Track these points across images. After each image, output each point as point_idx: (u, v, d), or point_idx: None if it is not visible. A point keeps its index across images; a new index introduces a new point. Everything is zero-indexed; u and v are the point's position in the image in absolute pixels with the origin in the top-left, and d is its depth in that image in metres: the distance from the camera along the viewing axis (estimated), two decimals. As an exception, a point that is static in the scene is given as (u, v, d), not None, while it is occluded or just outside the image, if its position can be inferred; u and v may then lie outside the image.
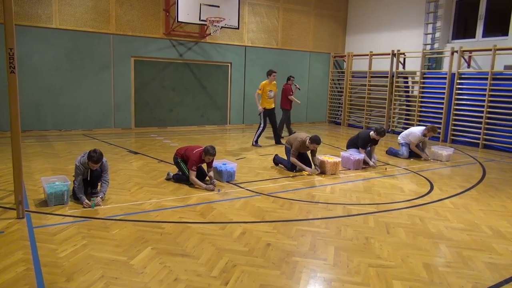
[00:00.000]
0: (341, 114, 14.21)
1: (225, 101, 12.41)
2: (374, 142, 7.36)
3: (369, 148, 7.44)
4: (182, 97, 11.59)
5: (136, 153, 7.95)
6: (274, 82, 9.30)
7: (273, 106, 9.36)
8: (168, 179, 6.01)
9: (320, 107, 14.42)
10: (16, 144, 4.08)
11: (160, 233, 3.98)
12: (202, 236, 3.95)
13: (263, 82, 9.18)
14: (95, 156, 4.76)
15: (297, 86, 11.11)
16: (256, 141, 9.32)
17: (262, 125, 9.24)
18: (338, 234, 4.13)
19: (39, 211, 4.47)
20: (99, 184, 5.13)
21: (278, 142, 9.53)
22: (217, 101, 12.25)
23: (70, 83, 9.94)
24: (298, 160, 6.71)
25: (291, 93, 10.41)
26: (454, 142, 10.61)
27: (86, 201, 4.72)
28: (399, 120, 12.44)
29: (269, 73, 9.24)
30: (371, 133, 7.24)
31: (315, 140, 6.46)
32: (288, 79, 10.77)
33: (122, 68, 10.54)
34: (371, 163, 7.24)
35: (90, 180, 5.06)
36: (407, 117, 12.11)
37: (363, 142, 7.30)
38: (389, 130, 12.32)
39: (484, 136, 9.93)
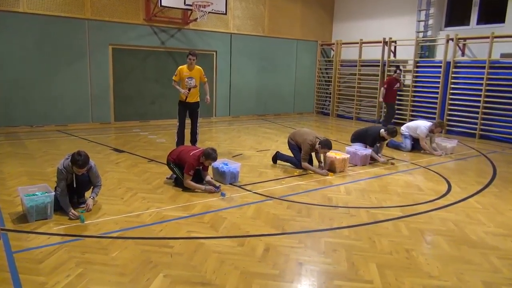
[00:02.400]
0: (329, 104, 13.75)
1: (211, 92, 11.61)
2: (383, 140, 6.94)
3: (378, 144, 7.02)
4: (165, 88, 10.74)
5: (121, 151, 7.20)
6: (198, 67, 7.09)
7: (195, 99, 7.29)
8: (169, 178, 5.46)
9: (308, 97, 13.90)
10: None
11: (170, 253, 3.35)
12: (220, 255, 3.35)
13: (180, 67, 7.09)
14: (80, 160, 4.07)
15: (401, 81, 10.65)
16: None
17: (178, 123, 7.29)
18: (373, 246, 3.62)
19: (18, 229, 3.73)
20: (87, 192, 4.45)
21: (194, 143, 7.43)
22: (202, 92, 11.45)
23: (42, 75, 8.95)
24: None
25: (385, 86, 10.26)
26: (449, 132, 10.32)
27: (73, 211, 4.04)
28: (390, 110, 12.07)
29: (186, 55, 7.05)
30: (382, 131, 6.79)
31: (326, 145, 5.87)
32: (395, 71, 10.37)
33: (99, 58, 9.62)
34: (380, 159, 6.82)
35: (75, 186, 4.37)
36: (400, 107, 11.77)
37: (372, 141, 6.88)
38: (380, 120, 11.96)
39: (481, 127, 9.69)
